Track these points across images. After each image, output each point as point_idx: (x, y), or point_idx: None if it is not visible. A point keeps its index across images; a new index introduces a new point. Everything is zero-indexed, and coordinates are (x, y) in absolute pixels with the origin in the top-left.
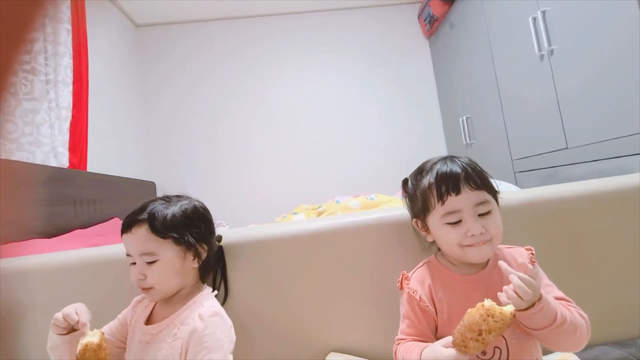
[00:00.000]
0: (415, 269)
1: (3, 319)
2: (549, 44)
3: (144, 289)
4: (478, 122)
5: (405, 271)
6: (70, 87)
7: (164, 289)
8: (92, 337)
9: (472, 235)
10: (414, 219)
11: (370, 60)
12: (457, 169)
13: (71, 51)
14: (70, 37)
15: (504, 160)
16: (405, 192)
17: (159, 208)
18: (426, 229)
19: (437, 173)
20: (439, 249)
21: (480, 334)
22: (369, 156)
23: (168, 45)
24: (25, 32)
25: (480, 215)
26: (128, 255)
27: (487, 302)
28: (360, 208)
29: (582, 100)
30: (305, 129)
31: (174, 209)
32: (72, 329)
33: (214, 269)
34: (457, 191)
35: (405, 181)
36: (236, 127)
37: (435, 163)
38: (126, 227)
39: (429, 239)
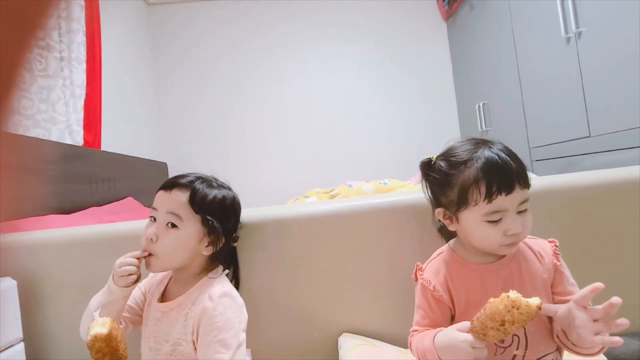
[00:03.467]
0: (429, 259)
1: (23, 291)
2: (577, 26)
3: (145, 257)
4: (495, 108)
5: (419, 262)
6: (84, 65)
7: (165, 261)
8: (100, 328)
9: (513, 234)
10: (440, 209)
11: (384, 43)
12: (511, 163)
13: (84, 28)
14: (83, 14)
15: (521, 149)
16: (431, 176)
17: (203, 185)
18: (452, 219)
19: (488, 166)
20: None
21: (502, 324)
22: (381, 142)
23: (180, 25)
24: (45, 7)
25: (519, 212)
26: (154, 208)
27: (513, 294)
28: (374, 192)
29: (609, 86)
30: (316, 113)
31: (216, 193)
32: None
33: (224, 265)
34: (510, 191)
35: (428, 163)
36: (249, 110)
37: (477, 151)
38: (168, 187)
39: (452, 228)
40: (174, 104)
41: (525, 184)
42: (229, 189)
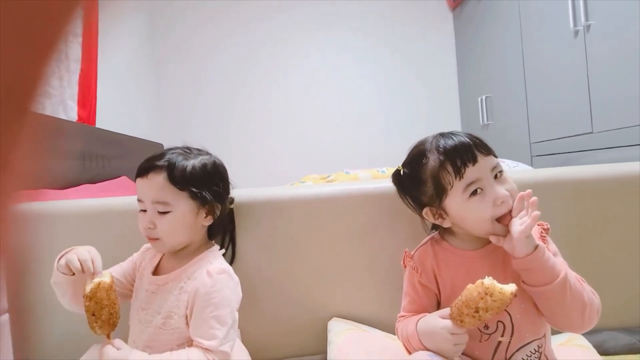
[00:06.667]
0: (418, 246)
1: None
2: (586, 19)
3: (150, 238)
4: (498, 102)
5: (407, 249)
6: (80, 39)
7: (171, 243)
8: (103, 277)
9: (502, 202)
10: (426, 209)
11: (387, 32)
12: (464, 139)
13: None
14: None
15: (522, 143)
16: (404, 183)
17: (179, 158)
18: (442, 215)
19: (444, 149)
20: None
21: (477, 311)
22: (381, 132)
23: (181, 6)
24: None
25: (495, 179)
26: (139, 200)
27: (487, 281)
28: (371, 179)
29: (615, 81)
30: (316, 102)
31: (194, 162)
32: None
33: (223, 230)
34: (474, 160)
35: (397, 173)
36: (248, 95)
37: (432, 142)
38: (143, 172)
39: (446, 225)
40: (172, 86)
41: (487, 150)
42: (207, 153)
